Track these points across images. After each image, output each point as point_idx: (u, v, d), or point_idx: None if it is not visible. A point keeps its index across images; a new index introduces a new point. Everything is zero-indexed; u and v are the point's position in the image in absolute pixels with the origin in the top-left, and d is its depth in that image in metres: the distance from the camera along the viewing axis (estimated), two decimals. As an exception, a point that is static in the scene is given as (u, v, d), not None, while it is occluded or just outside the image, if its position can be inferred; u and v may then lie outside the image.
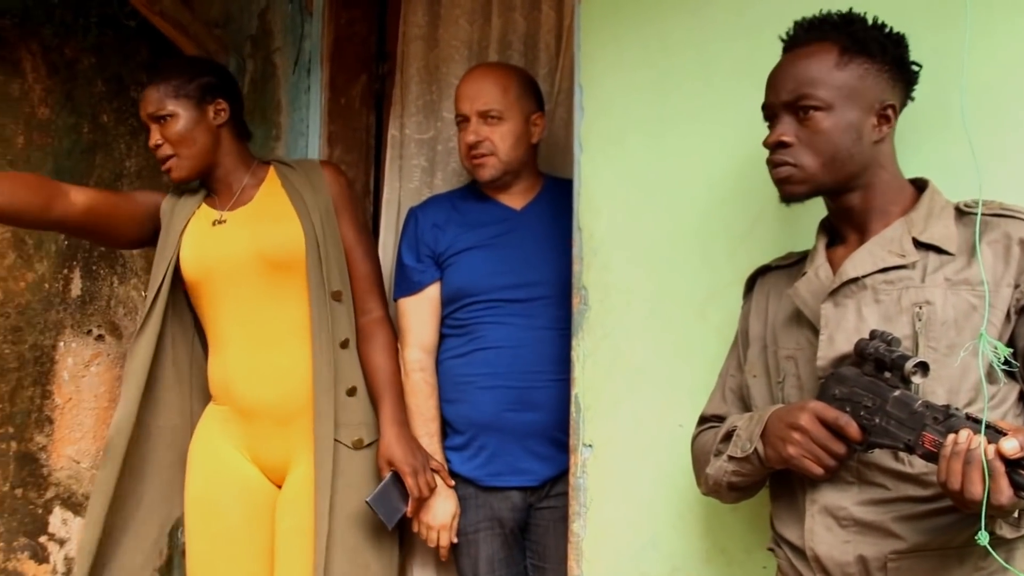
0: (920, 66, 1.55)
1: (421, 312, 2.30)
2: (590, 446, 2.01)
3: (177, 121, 2.16)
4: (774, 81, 1.55)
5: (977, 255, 1.44)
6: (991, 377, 1.42)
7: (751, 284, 1.74)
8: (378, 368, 2.19)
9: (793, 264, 1.68)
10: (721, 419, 1.68)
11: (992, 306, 1.41)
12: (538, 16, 2.60)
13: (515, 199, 2.36)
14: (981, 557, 1.38)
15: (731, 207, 1.87)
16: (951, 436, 1.24)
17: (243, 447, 2.17)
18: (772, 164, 1.54)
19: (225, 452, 2.16)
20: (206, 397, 2.25)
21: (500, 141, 2.27)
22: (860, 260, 1.49)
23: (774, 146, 1.53)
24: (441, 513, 2.22)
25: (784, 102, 1.52)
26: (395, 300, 2.35)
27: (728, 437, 1.57)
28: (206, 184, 2.27)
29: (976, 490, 1.20)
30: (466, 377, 2.25)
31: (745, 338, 1.70)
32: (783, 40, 1.60)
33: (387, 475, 2.12)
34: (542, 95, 2.41)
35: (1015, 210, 1.47)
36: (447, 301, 2.31)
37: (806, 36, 1.55)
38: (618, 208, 2.02)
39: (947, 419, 1.27)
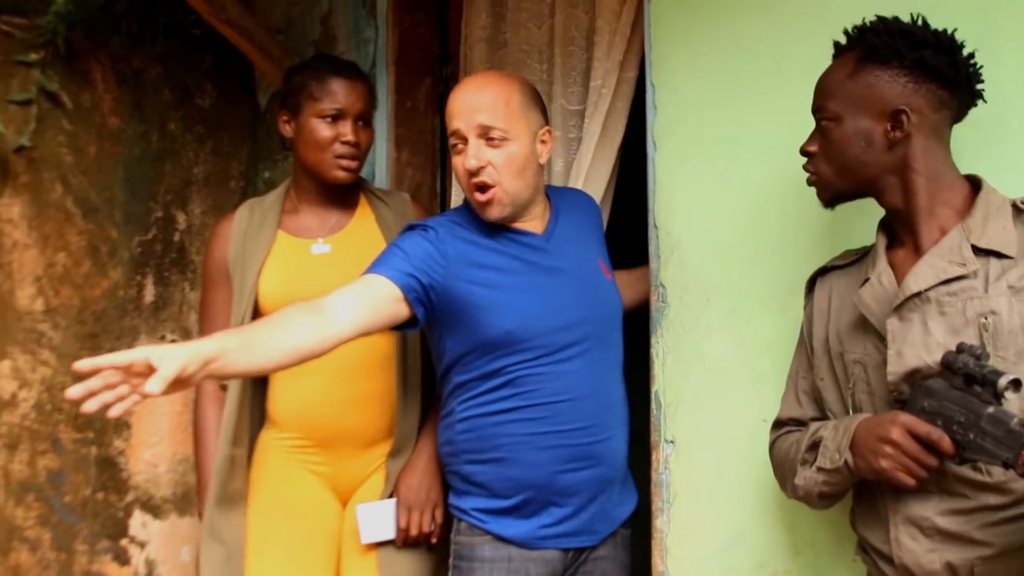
0: (958, 65, 1.51)
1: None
2: (672, 442, 2.03)
3: (370, 133, 2.19)
4: (815, 91, 1.64)
5: None
6: None
7: (811, 285, 1.76)
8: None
9: (852, 263, 1.69)
10: (797, 422, 1.70)
11: None
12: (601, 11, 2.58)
13: (534, 223, 2.04)
14: None
15: (808, 202, 1.84)
16: None
17: (316, 472, 2.12)
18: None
19: (295, 475, 2.11)
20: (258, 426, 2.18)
21: (505, 166, 1.92)
22: (922, 273, 1.50)
23: (804, 155, 1.63)
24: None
25: (813, 112, 1.62)
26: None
27: (814, 447, 1.58)
28: (298, 198, 2.21)
29: None
30: (516, 437, 1.96)
31: (811, 340, 1.71)
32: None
33: (392, 498, 2.06)
34: (545, 106, 2.10)
35: None
36: (488, 346, 1.95)
37: (836, 49, 1.62)
38: (694, 206, 2.03)
39: None
